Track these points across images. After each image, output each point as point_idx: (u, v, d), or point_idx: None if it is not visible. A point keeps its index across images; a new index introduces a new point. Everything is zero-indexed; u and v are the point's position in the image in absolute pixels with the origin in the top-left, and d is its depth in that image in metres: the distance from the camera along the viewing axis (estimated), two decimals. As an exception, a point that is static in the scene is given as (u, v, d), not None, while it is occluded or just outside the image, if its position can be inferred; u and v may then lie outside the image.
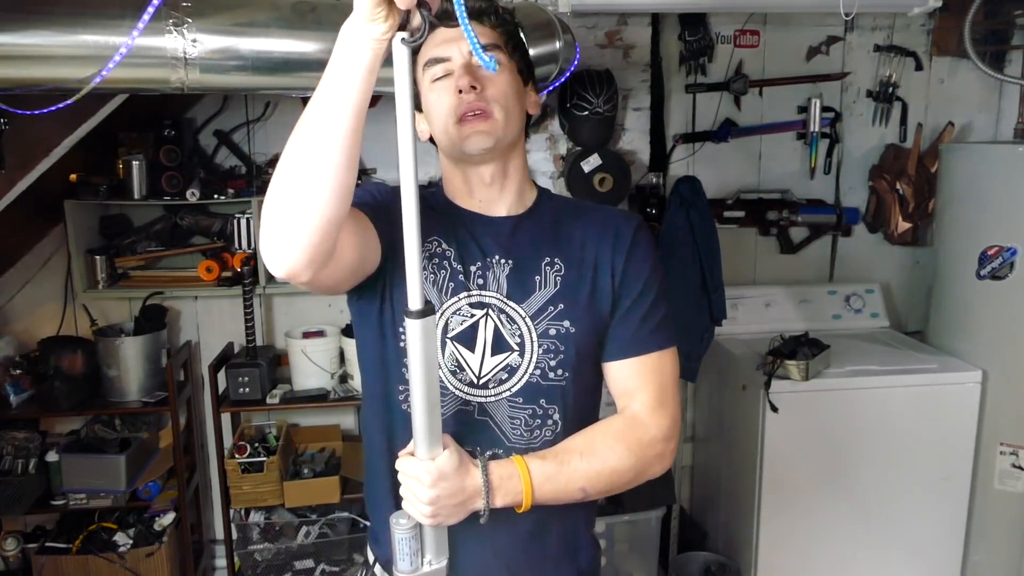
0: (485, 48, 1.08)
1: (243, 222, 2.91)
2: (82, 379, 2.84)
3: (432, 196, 1.25)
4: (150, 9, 1.48)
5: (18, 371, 2.82)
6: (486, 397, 1.17)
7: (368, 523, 1.35)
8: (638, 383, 1.21)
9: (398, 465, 1.07)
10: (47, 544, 2.80)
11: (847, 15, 2.15)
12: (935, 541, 2.84)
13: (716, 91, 3.17)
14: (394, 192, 1.04)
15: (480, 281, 1.18)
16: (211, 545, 3.27)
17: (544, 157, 3.11)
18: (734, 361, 2.91)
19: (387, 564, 1.20)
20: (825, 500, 2.75)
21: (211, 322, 3.12)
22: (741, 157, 3.26)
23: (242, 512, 2.95)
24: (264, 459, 2.84)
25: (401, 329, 1.12)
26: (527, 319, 1.17)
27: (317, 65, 1.71)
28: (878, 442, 2.73)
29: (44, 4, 1.50)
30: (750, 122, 3.22)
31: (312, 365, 2.91)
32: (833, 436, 2.72)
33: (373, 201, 1.17)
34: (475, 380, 1.16)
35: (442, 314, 1.16)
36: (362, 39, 0.89)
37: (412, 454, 1.05)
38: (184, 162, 2.80)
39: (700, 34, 3.08)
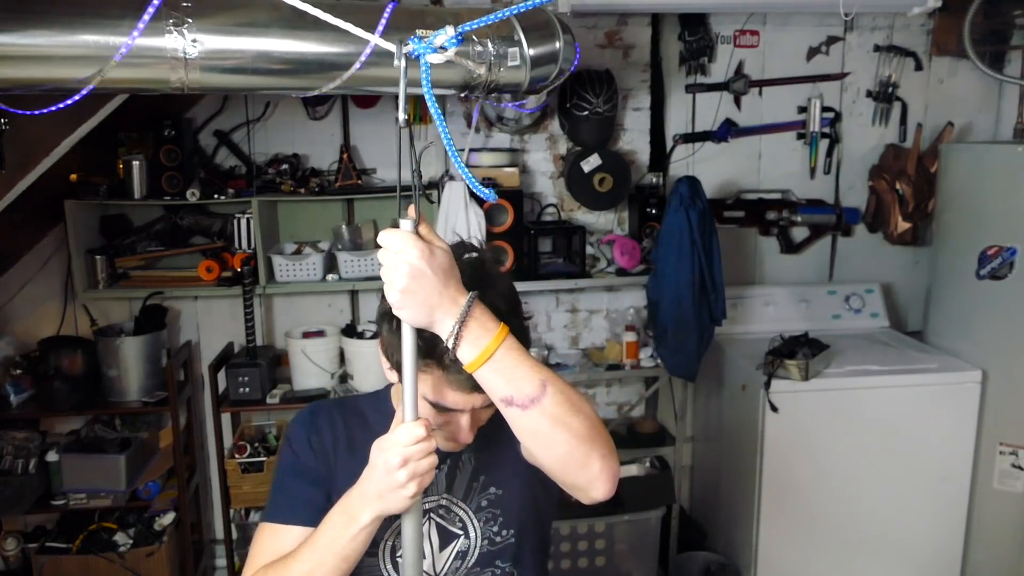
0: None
1: (243, 222, 2.90)
2: (82, 379, 2.84)
3: (378, 409, 1.25)
4: (150, 9, 1.48)
5: (18, 371, 2.82)
6: None
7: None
8: None
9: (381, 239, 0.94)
10: (47, 544, 2.80)
11: (847, 15, 2.16)
12: (935, 541, 2.84)
13: (716, 91, 3.17)
14: (324, 415, 1.22)
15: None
16: (211, 545, 3.27)
17: (544, 157, 3.11)
18: (734, 361, 2.91)
19: None
20: (825, 500, 2.75)
21: (211, 322, 3.12)
22: (741, 157, 3.26)
23: (242, 512, 2.95)
24: (264, 459, 2.84)
25: None
26: (460, 503, 1.22)
27: (317, 65, 1.70)
28: (878, 442, 2.73)
29: (44, 4, 1.50)
30: (750, 122, 3.22)
31: (312, 365, 2.91)
32: (833, 436, 2.72)
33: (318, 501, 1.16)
34: None
35: (385, 542, 1.18)
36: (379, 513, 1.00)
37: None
38: (184, 162, 2.80)
39: (700, 34, 3.08)
